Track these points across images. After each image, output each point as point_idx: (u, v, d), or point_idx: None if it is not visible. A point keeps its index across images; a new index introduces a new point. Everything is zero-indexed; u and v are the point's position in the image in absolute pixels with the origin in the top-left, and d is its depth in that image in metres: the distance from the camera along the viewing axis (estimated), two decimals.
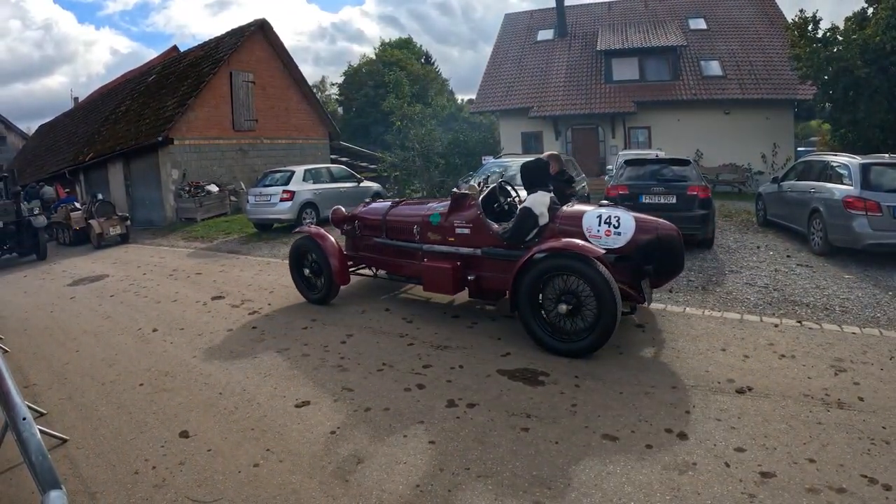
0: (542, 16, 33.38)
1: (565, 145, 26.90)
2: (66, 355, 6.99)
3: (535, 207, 6.12)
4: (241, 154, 24.57)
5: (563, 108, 26.67)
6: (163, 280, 11.21)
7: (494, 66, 31.03)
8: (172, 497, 3.75)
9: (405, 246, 7.52)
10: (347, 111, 52.27)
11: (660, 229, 5.90)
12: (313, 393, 5.16)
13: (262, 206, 16.08)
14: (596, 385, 4.90)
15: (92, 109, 34.85)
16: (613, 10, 31.85)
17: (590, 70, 28.07)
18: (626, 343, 5.85)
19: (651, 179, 11.01)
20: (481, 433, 4.23)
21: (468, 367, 5.46)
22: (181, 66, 27.18)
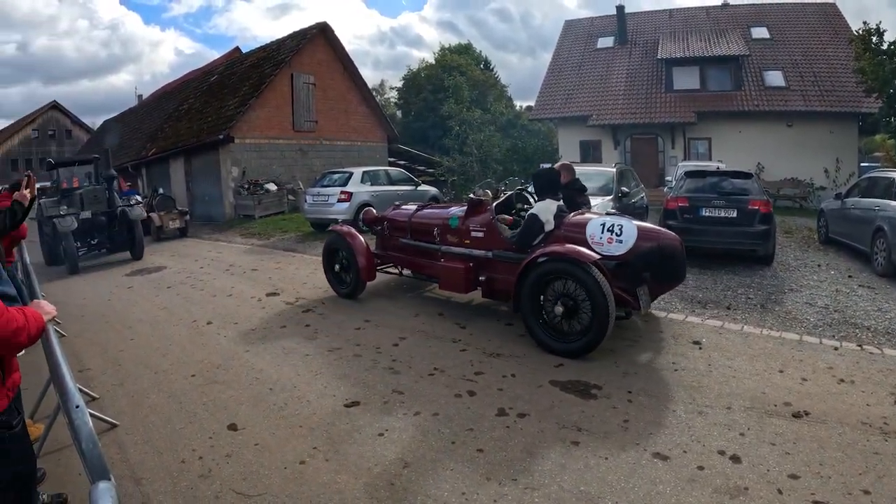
0: (603, 23, 32.85)
1: (624, 155, 26.43)
2: (121, 343, 7.11)
3: (542, 214, 6.46)
4: (301, 154, 24.86)
5: (622, 117, 26.29)
6: (219, 274, 11.37)
7: (554, 73, 30.75)
8: (217, 488, 3.74)
9: (426, 246, 7.94)
10: (406, 115, 52.36)
11: (661, 238, 6.08)
12: (363, 394, 5.11)
13: (320, 206, 16.20)
14: (649, 402, 4.76)
15: (155, 107, 35.78)
16: (675, 17, 31.28)
17: (650, 78, 27.59)
18: (683, 360, 5.67)
19: (712, 192, 10.71)
20: (530, 444, 4.12)
21: (520, 377, 5.35)
22: (243, 66, 27.68)
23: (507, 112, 44.80)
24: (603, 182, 11.17)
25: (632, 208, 11.29)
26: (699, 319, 7.00)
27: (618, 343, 6.12)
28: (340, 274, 8.73)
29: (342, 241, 8.51)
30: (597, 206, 9.06)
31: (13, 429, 2.22)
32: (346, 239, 8.44)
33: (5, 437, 2.18)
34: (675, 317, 7.15)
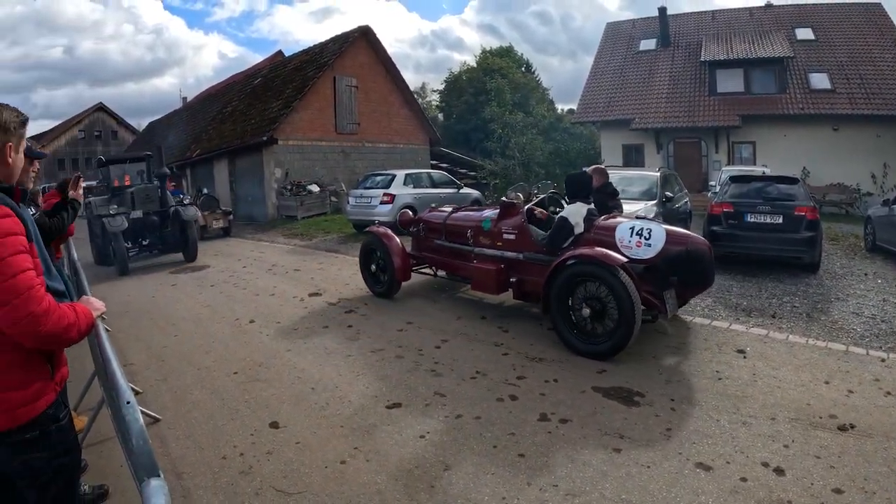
0: (645, 25, 32.29)
1: (667, 159, 26.07)
2: (165, 339, 7.21)
3: (572, 217, 6.53)
4: (343, 156, 25.02)
5: (665, 121, 25.88)
6: (262, 274, 11.47)
7: (596, 76, 30.37)
8: (257, 485, 3.76)
9: (460, 248, 8.09)
10: (448, 118, 52.44)
11: (690, 242, 6.08)
12: (405, 395, 5.10)
13: (363, 208, 16.26)
14: (692, 410, 4.66)
15: (200, 109, 36.38)
16: (717, 18, 30.65)
17: (693, 81, 27.10)
18: (727, 369, 5.55)
19: (757, 197, 10.49)
20: (572, 450, 4.06)
21: (562, 382, 5.29)
22: (286, 69, 27.97)
23: (548, 115, 44.62)
24: (647, 187, 11.08)
25: (675, 213, 11.27)
26: (744, 328, 6.86)
27: (661, 350, 6.04)
28: (377, 274, 8.94)
29: (378, 242, 8.71)
30: (640, 211, 9.12)
31: (60, 421, 2.27)
32: (383, 240, 8.63)
33: (52, 429, 2.22)
34: (720, 324, 7.01)
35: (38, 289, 2.05)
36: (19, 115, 2.29)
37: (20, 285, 1.99)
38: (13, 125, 2.24)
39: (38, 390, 2.18)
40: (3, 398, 2.09)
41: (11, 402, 2.11)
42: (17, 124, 2.27)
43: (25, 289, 2.00)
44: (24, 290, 2.00)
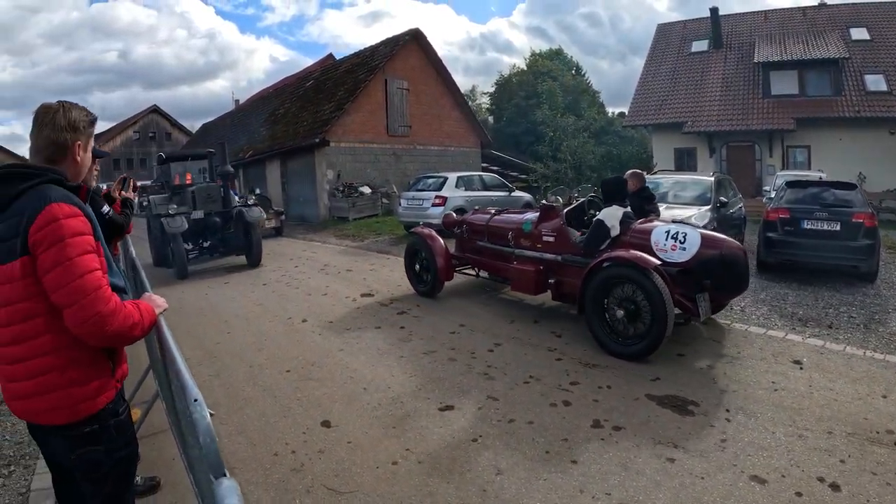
0: (696, 26, 31.63)
1: (720, 163, 25.55)
2: (218, 336, 7.33)
3: (608, 220, 6.65)
4: (395, 158, 25.16)
5: (718, 124, 25.38)
6: (314, 274, 11.59)
7: (647, 79, 29.93)
8: (309, 483, 3.78)
9: (501, 249, 8.25)
10: (498, 120, 52.38)
11: (724, 247, 6.11)
12: (458, 398, 5.08)
13: (414, 210, 16.30)
14: (747, 421, 4.54)
15: (252, 111, 36.99)
16: (770, 19, 29.87)
17: (746, 83, 26.43)
18: (782, 380, 5.40)
19: (813, 203, 10.13)
20: (625, 458, 3.99)
21: (616, 388, 5.21)
22: (338, 72, 28.23)
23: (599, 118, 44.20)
24: (700, 191, 10.89)
25: (729, 219, 11.09)
26: (799, 338, 6.67)
27: (716, 360, 5.92)
28: (420, 273, 9.21)
29: (423, 243, 8.94)
30: (693, 217, 9.06)
31: (119, 416, 2.31)
32: (427, 241, 8.87)
33: (111, 424, 2.25)
34: (775, 334, 6.83)
35: (106, 289, 2.08)
36: (88, 114, 2.32)
37: (88, 285, 2.01)
38: (82, 124, 2.27)
39: (100, 386, 2.21)
40: (65, 394, 2.12)
41: (73, 397, 2.13)
42: (87, 123, 2.30)
43: (93, 289, 2.02)
44: (91, 290, 2.02)
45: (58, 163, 2.23)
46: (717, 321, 7.22)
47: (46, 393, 2.12)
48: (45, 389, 2.11)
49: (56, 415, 2.14)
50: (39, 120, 2.22)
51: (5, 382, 2.18)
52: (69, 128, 2.22)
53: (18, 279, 2.04)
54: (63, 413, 2.13)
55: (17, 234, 2.03)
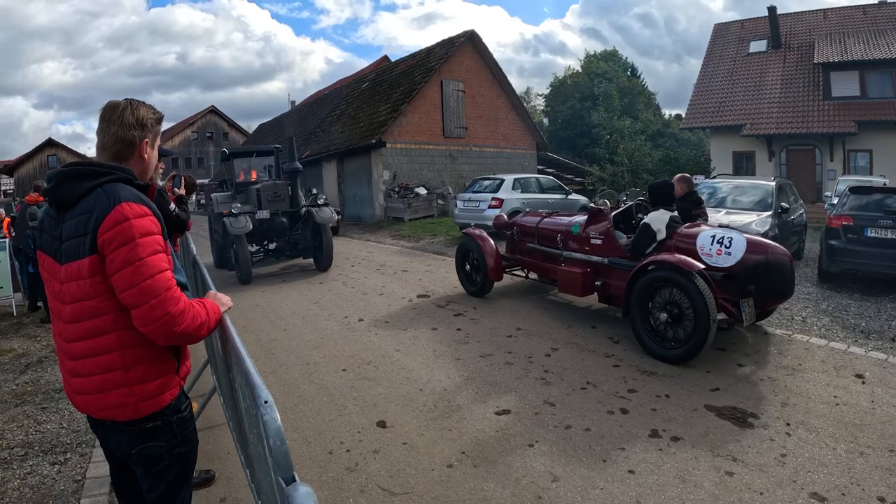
0: (754, 25, 30.77)
1: (779, 167, 24.88)
2: (275, 332, 7.44)
3: (654, 224, 6.71)
4: (450, 160, 25.23)
5: (777, 127, 24.61)
6: (370, 273, 11.69)
7: (705, 80, 29.24)
8: (363, 483, 3.79)
9: (550, 251, 8.42)
10: (553, 123, 52.06)
11: (770, 253, 6.10)
12: (514, 403, 5.04)
13: (471, 212, 16.32)
14: (808, 436, 4.40)
15: (308, 112, 37.53)
16: (829, 18, 28.88)
17: (806, 85, 25.61)
18: (844, 394, 5.23)
19: (878, 210, 9.70)
20: (683, 471, 3.91)
21: (674, 398, 5.11)
22: (393, 74, 28.44)
23: (655, 120, 43.51)
24: (761, 197, 10.71)
25: (790, 226, 10.91)
26: (862, 350, 6.44)
27: (777, 371, 5.77)
28: (471, 273, 9.49)
29: (474, 243, 9.18)
30: (754, 223, 9.07)
31: (181, 413, 2.33)
32: (478, 241, 9.10)
33: (173, 420, 2.27)
34: (837, 346, 6.60)
35: (175, 289, 2.09)
36: (155, 112, 2.33)
37: (158, 286, 2.03)
38: (150, 122, 2.28)
39: (164, 384, 2.23)
40: (129, 391, 2.14)
41: (137, 394, 2.15)
42: (154, 121, 2.31)
43: (163, 289, 2.04)
44: (162, 290, 2.03)
45: (125, 160, 2.24)
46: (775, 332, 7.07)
47: (110, 390, 2.14)
48: (110, 386, 2.13)
49: (119, 412, 2.16)
50: (107, 117, 2.22)
51: (69, 377, 2.21)
52: (137, 125, 2.23)
53: (86, 277, 2.05)
54: (126, 410, 2.15)
55: (85, 232, 2.04)
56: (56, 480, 3.98)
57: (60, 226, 2.13)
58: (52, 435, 4.74)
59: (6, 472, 4.13)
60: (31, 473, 4.09)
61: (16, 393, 5.82)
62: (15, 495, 3.80)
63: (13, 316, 9.64)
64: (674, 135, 36.55)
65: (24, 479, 4.01)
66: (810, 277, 10.56)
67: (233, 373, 2.71)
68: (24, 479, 4.01)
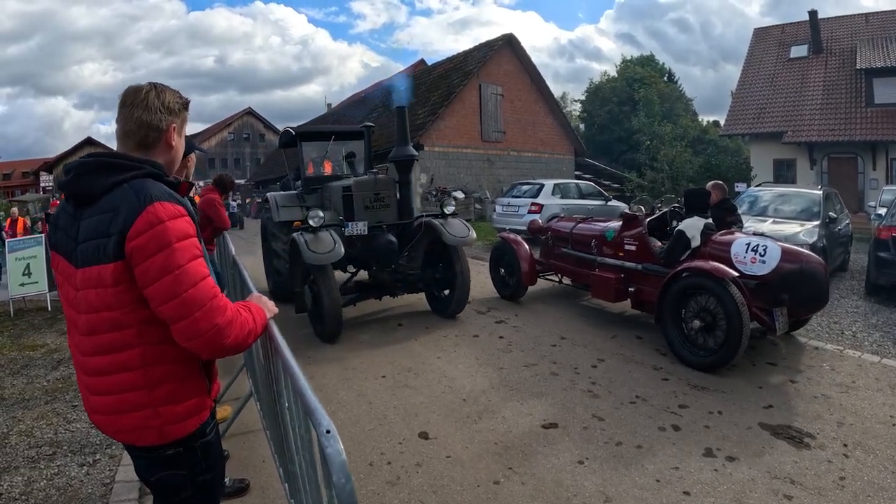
0: (795, 30, 30.25)
1: (820, 176, 24.36)
2: (310, 337, 7.40)
3: (688, 231, 6.73)
4: (488, 164, 25.16)
5: (819, 134, 24.21)
6: None
7: (745, 85, 28.88)
8: (405, 497, 3.68)
9: (584, 257, 8.44)
10: (589, 128, 51.78)
11: (805, 261, 6.16)
12: (561, 416, 4.90)
13: (510, 216, 16.29)
14: (867, 458, 4.22)
15: (345, 114, 37.74)
16: (871, 22, 28.24)
17: (848, 91, 25.13)
18: None
19: None
20: (740, 492, 3.74)
21: (727, 415, 4.93)
22: (431, 77, 28.45)
23: (693, 126, 42.97)
24: (808, 206, 10.56)
25: (837, 236, 10.74)
26: None
27: (830, 388, 5.57)
28: (504, 277, 9.53)
29: (508, 248, 9.26)
30: (802, 233, 9.08)
31: (206, 437, 2.11)
32: (512, 245, 9.20)
33: (196, 445, 2.05)
34: (890, 363, 6.38)
35: (221, 297, 1.88)
36: (181, 96, 2.11)
37: (203, 295, 1.82)
38: (177, 106, 2.06)
39: (194, 406, 2.02)
40: (153, 413, 1.92)
41: (164, 416, 1.94)
42: (181, 105, 2.09)
43: (208, 298, 1.83)
44: (207, 300, 1.82)
45: (150, 149, 2.01)
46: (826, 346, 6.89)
47: (130, 411, 1.92)
48: (130, 408, 1.91)
49: (140, 435, 1.95)
50: (129, 102, 1.99)
51: (87, 393, 2.00)
52: (164, 109, 2.00)
53: (109, 286, 1.82)
54: (149, 434, 1.94)
55: (108, 233, 1.80)
56: (84, 483, 3.91)
57: (77, 224, 1.90)
58: (81, 434, 4.69)
59: (33, 471, 4.09)
60: (59, 474, 4.03)
61: (46, 389, 5.83)
62: (41, 496, 3.74)
63: (48, 311, 9.71)
64: (713, 141, 35.98)
65: (50, 480, 3.96)
66: (857, 290, 10.31)
67: (279, 386, 2.58)
68: (51, 480, 3.96)
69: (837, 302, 9.25)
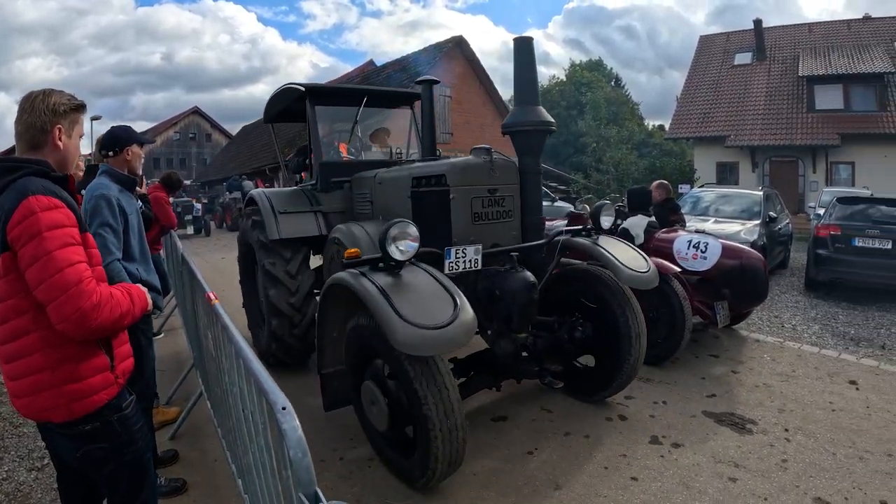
0: (739, 38, 31.12)
1: (762, 178, 25.03)
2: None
3: (632, 229, 6.82)
4: None
5: (761, 138, 24.91)
6: None
7: (690, 91, 29.51)
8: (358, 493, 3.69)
9: None
10: None
11: (745, 257, 6.43)
12: (511, 409, 4.97)
13: None
14: (808, 442, 4.44)
15: None
16: (814, 31, 29.19)
17: (790, 97, 25.87)
18: (840, 400, 5.30)
19: (865, 220, 9.96)
20: (686, 476, 3.89)
21: (672, 404, 5.09)
22: (379, 78, 28.36)
23: (639, 130, 43.84)
24: (749, 206, 10.95)
25: (777, 235, 11.12)
26: (853, 358, 6.57)
27: (771, 378, 5.82)
28: None
29: None
30: (743, 232, 9.38)
31: (123, 411, 2.25)
32: None
33: (114, 419, 2.21)
34: (828, 353, 6.74)
35: (88, 282, 2.01)
36: (72, 99, 2.26)
37: (68, 280, 1.96)
38: (63, 108, 2.20)
39: (98, 383, 2.16)
40: (60, 392, 2.08)
41: (68, 394, 2.09)
42: (69, 108, 2.23)
43: (73, 283, 1.96)
44: (72, 284, 1.96)
45: (39, 149, 2.18)
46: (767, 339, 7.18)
47: (40, 391, 2.08)
48: (39, 388, 2.08)
49: (53, 413, 2.11)
50: (21, 106, 2.18)
51: (7, 380, 2.16)
52: (48, 111, 2.16)
53: (2, 276, 2.01)
54: (59, 412, 2.10)
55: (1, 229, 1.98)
56: (33, 488, 3.86)
57: None
58: (29, 439, 4.59)
59: None
60: (7, 479, 3.96)
61: None
62: None
63: None
64: (658, 144, 36.82)
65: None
66: (797, 286, 10.71)
67: (231, 374, 2.59)
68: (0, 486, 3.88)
69: (778, 297, 9.60)
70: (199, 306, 3.86)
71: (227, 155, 44.29)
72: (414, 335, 3.12)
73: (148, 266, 3.51)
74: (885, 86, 23.60)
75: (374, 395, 3.67)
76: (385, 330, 3.19)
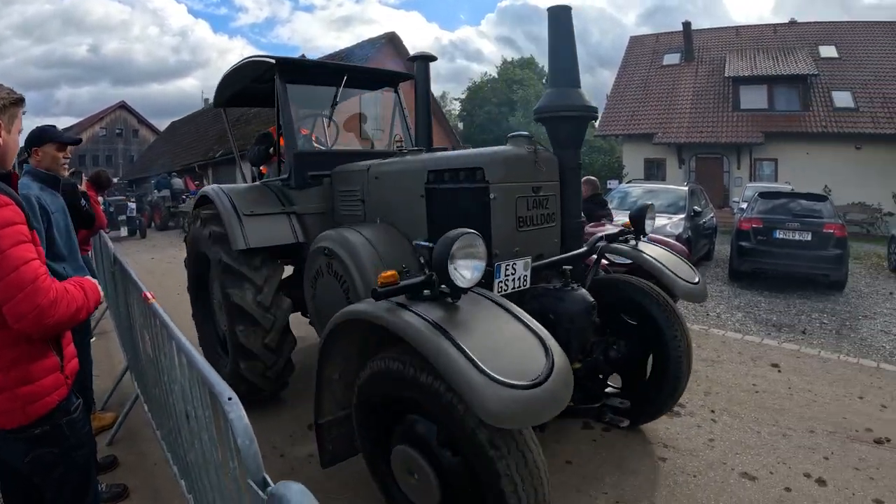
0: (668, 39, 31.95)
1: (688, 174, 25.80)
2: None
3: None
4: None
5: (688, 136, 25.68)
6: None
7: (619, 89, 30.16)
8: None
9: None
10: (468, 127, 52.42)
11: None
12: None
13: None
14: (733, 421, 4.69)
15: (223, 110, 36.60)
16: (742, 34, 30.27)
17: (716, 97, 26.78)
18: (763, 382, 5.59)
19: (785, 214, 10.54)
20: (619, 458, 4.05)
21: None
22: None
23: None
24: (674, 200, 11.20)
25: (702, 228, 11.46)
26: (775, 342, 6.93)
27: (697, 364, 5.91)
28: None
29: None
30: (668, 226, 9.54)
31: (71, 414, 2.20)
32: None
33: (62, 423, 2.15)
34: (752, 339, 7.10)
35: (43, 279, 1.95)
36: (10, 93, 2.16)
37: (24, 277, 1.89)
38: (1, 102, 2.11)
39: (50, 385, 2.10)
40: (14, 395, 2.00)
41: (23, 397, 2.02)
42: (7, 102, 2.13)
43: (30, 281, 1.90)
44: (28, 282, 1.89)
45: None
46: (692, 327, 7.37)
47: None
48: None
49: (7, 418, 2.03)
50: None
51: None
52: None
53: None
54: (14, 416, 2.02)
55: None
56: None
57: None
58: None
59: None
60: None
61: None
62: None
63: None
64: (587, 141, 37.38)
65: None
66: (721, 277, 11.13)
67: (172, 374, 2.59)
68: None
69: None
70: (133, 307, 3.78)
71: (155, 152, 43.06)
72: (511, 400, 2.13)
73: (77, 264, 3.37)
74: (809, 87, 24.56)
75: (415, 465, 2.64)
76: (463, 393, 2.17)
